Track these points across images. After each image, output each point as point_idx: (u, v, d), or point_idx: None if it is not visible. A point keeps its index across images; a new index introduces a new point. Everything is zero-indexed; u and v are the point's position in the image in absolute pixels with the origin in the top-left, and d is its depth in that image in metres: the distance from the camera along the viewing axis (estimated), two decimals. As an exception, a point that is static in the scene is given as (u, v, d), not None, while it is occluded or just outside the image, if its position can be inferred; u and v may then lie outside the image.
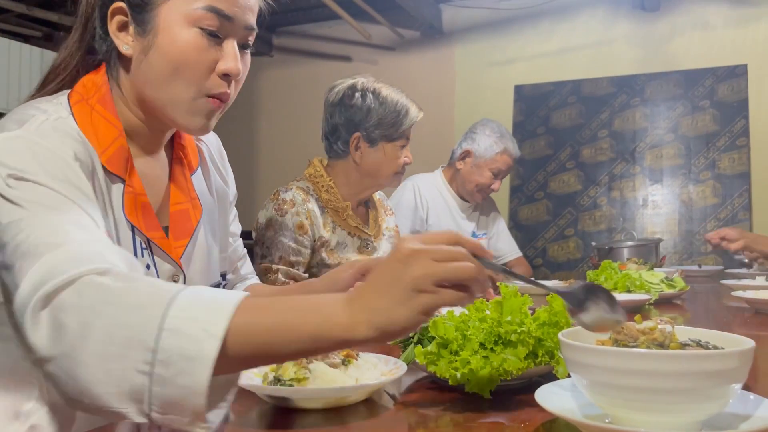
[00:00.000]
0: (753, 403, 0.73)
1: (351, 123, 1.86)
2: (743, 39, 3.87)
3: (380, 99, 1.85)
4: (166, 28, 0.94)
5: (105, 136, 0.94)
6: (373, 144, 1.86)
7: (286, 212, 1.74)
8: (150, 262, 0.98)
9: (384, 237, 1.98)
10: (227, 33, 0.97)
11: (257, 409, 0.88)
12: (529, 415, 0.81)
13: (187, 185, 1.08)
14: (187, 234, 1.04)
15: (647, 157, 3.98)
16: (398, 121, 1.85)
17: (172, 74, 0.94)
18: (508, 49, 4.35)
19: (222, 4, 0.95)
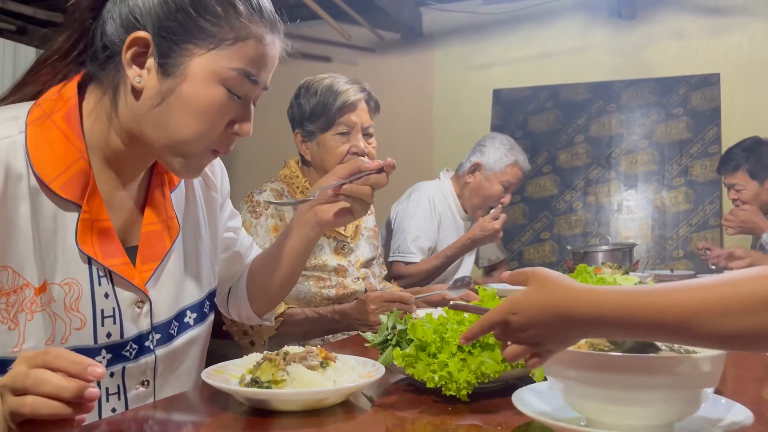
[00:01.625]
0: (724, 407, 0.74)
1: (293, 122, 1.84)
2: (717, 48, 3.94)
3: (311, 91, 1.78)
4: (195, 78, 0.90)
5: (63, 159, 0.89)
6: (311, 138, 1.79)
7: (260, 214, 1.72)
8: (108, 291, 0.93)
9: (362, 237, 1.96)
10: (249, 94, 0.95)
11: (234, 412, 0.87)
12: (505, 418, 0.82)
13: (165, 204, 1.04)
14: (157, 257, 1.00)
15: (622, 162, 4.04)
16: (327, 105, 1.74)
17: (187, 126, 0.91)
18: (488, 53, 4.38)
19: (255, 69, 0.93)
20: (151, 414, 0.90)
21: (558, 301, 0.66)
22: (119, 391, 0.96)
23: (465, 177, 2.71)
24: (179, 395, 1.01)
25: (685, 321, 0.60)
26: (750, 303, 0.59)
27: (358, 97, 1.75)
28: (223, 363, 0.97)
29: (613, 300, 0.64)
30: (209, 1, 0.90)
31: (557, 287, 0.67)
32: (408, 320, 1.01)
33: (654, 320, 0.62)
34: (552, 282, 0.68)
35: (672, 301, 0.61)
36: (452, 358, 0.88)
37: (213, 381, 0.89)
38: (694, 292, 0.61)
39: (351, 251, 1.88)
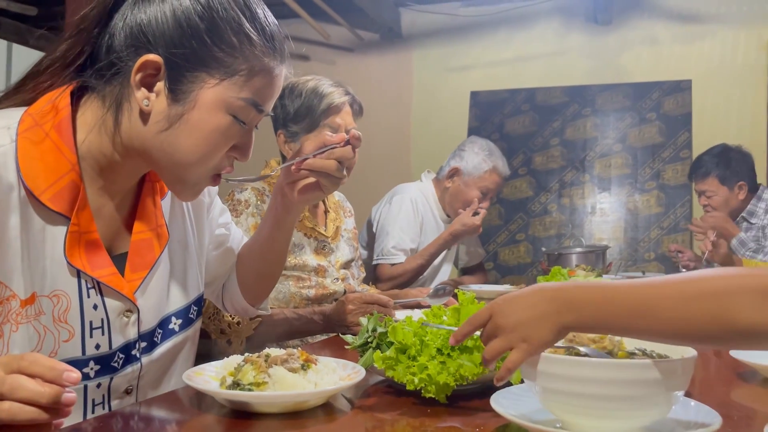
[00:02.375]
0: (694, 410, 0.77)
1: (275, 123, 1.84)
2: (689, 55, 4.03)
3: (296, 92, 1.78)
4: (205, 106, 0.89)
5: (53, 171, 0.88)
6: (295, 139, 1.79)
7: (241, 213, 1.72)
8: (97, 302, 0.93)
9: (342, 239, 1.96)
10: (253, 121, 0.96)
11: (215, 414, 0.87)
12: (483, 420, 0.84)
13: (156, 212, 1.03)
14: (146, 266, 0.99)
15: (596, 166, 4.11)
16: (312, 107, 1.75)
17: (192, 152, 0.91)
18: (466, 55, 4.41)
19: (262, 99, 0.94)
20: (132, 415, 0.90)
21: (542, 285, 0.74)
22: (104, 401, 0.96)
23: (444, 181, 2.73)
24: (160, 397, 1.01)
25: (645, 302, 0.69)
26: (704, 291, 0.68)
27: (342, 100, 1.76)
28: (203, 365, 0.98)
29: (590, 285, 0.73)
30: (225, 31, 0.89)
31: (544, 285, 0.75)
32: (388, 323, 1.02)
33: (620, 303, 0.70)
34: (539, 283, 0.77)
35: (638, 286, 0.71)
36: (432, 361, 0.89)
37: (194, 383, 0.89)
38: (657, 282, 0.71)
39: (331, 252, 1.88)
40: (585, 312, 0.71)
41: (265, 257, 1.25)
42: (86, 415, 0.94)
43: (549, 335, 0.72)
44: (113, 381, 0.96)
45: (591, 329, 0.73)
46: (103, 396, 0.96)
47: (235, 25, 0.90)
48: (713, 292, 0.67)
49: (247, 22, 0.91)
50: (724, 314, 0.66)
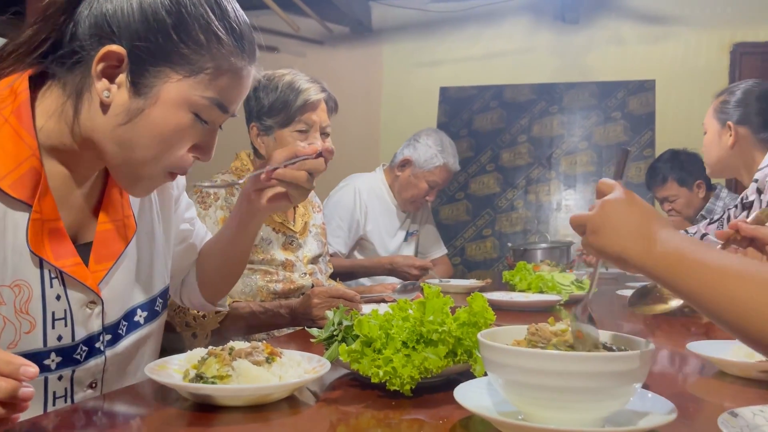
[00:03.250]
0: (651, 401, 0.79)
1: (249, 115, 1.82)
2: (653, 55, 4.11)
3: (271, 85, 1.76)
4: (166, 103, 0.88)
5: (13, 156, 0.85)
6: (268, 133, 1.78)
7: (209, 205, 1.71)
8: (60, 292, 0.91)
9: (310, 234, 1.96)
10: (216, 121, 0.94)
11: (178, 407, 0.86)
12: (447, 412, 0.85)
13: (122, 203, 1.02)
14: (111, 257, 0.98)
15: (562, 163, 4.17)
16: (288, 102, 1.74)
17: (149, 148, 0.89)
18: (435, 50, 4.43)
19: (227, 100, 0.92)
20: (94, 409, 0.89)
21: (644, 210, 0.79)
22: (66, 394, 0.94)
23: (395, 170, 2.76)
24: (122, 390, 0.99)
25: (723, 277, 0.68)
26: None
27: (319, 97, 1.76)
28: (166, 357, 0.96)
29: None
30: (193, 27, 0.87)
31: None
32: (354, 316, 1.02)
33: (700, 260, 0.70)
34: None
35: (718, 257, 0.71)
36: (397, 354, 0.90)
37: (156, 376, 0.88)
38: (738, 260, 0.70)
39: (299, 247, 1.87)
40: (671, 239, 0.73)
41: (227, 257, 1.24)
42: (47, 408, 0.92)
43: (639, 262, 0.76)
44: (75, 374, 0.94)
45: (661, 268, 0.74)
46: (66, 389, 0.94)
47: (204, 23, 0.88)
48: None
49: (216, 20, 0.89)
50: None
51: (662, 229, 0.75)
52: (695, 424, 0.81)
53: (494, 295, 1.93)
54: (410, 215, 2.91)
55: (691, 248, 0.72)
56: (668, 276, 0.72)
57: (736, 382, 1.04)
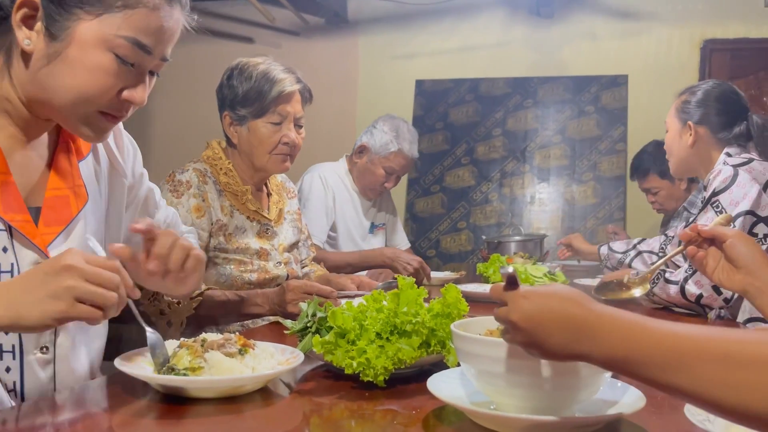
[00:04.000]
0: (620, 390, 0.80)
1: (222, 104, 1.79)
2: (626, 51, 4.16)
3: (245, 74, 1.73)
4: (81, 43, 0.89)
5: None
6: (242, 123, 1.75)
7: (182, 194, 1.68)
8: (7, 245, 0.91)
9: (285, 221, 1.93)
10: (142, 63, 0.94)
11: (150, 400, 0.86)
12: (420, 403, 0.85)
13: (72, 171, 1.02)
14: (62, 222, 0.98)
15: (536, 156, 4.20)
16: (262, 92, 1.71)
17: (70, 89, 0.90)
18: (411, 43, 4.42)
19: (146, 39, 0.91)
20: (64, 402, 0.87)
21: (573, 314, 0.65)
22: (14, 351, 0.93)
23: (353, 157, 2.76)
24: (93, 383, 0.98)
25: (677, 360, 0.59)
26: (753, 360, 0.56)
27: (294, 88, 1.74)
28: (138, 349, 0.95)
29: (612, 322, 0.63)
30: None
31: (577, 304, 0.66)
32: (328, 308, 1.02)
33: (646, 353, 0.60)
34: (575, 296, 0.67)
35: (669, 339, 0.60)
36: (370, 345, 0.90)
37: (127, 368, 0.87)
38: (693, 336, 0.60)
39: (274, 235, 1.85)
40: (603, 347, 0.63)
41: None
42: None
43: (561, 359, 0.68)
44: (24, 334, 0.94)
45: (613, 369, 0.65)
46: (13, 346, 0.93)
47: None
48: (765, 362, 0.55)
49: None
50: None
51: (589, 337, 0.64)
52: (663, 412, 0.82)
53: (468, 287, 1.94)
54: (375, 205, 2.91)
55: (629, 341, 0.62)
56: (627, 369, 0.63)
57: (702, 371, 1.06)
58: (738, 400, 0.56)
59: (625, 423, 0.78)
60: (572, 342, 0.65)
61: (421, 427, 0.77)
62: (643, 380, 0.62)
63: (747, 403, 0.56)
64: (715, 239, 1.09)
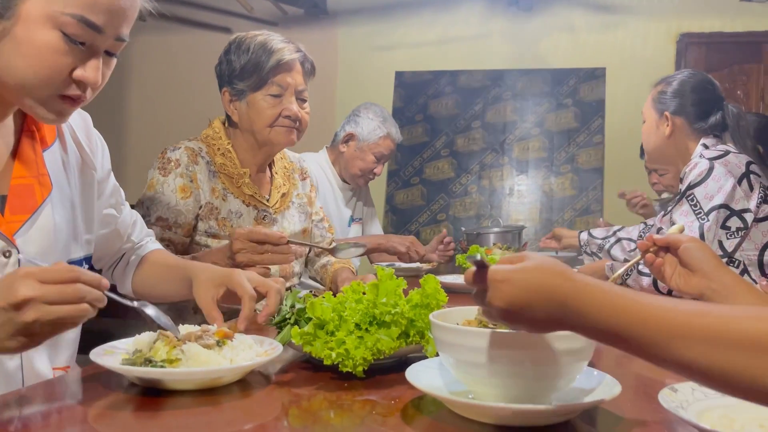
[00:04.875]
0: (596, 378, 0.81)
1: (220, 80, 1.72)
2: (603, 43, 4.19)
3: (243, 47, 1.64)
4: (27, 21, 0.86)
5: None
6: (241, 98, 1.66)
7: (169, 172, 1.60)
8: None
9: (292, 206, 1.81)
10: (94, 42, 0.91)
11: (127, 392, 0.85)
12: (399, 393, 0.85)
13: (36, 160, 1.01)
14: (28, 210, 0.97)
15: (515, 149, 4.23)
16: (260, 63, 1.62)
17: (22, 69, 0.88)
18: (391, 35, 4.41)
19: (95, 16, 0.88)
20: (40, 392, 0.86)
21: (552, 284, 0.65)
22: None
23: (339, 146, 2.76)
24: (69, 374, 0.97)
25: (666, 341, 0.59)
26: (739, 341, 0.56)
27: (293, 57, 1.64)
28: (114, 342, 0.94)
29: (600, 297, 0.63)
30: None
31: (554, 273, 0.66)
32: (307, 299, 1.02)
33: (632, 329, 0.61)
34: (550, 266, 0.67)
35: (656, 317, 0.60)
36: (349, 336, 0.90)
37: (103, 360, 0.86)
38: (681, 314, 0.60)
39: (273, 222, 1.74)
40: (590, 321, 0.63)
41: (171, 292, 1.28)
42: None
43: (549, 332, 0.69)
44: None
45: (601, 341, 0.66)
46: None
47: None
48: (751, 342, 0.56)
49: None
50: (763, 372, 0.55)
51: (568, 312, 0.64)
52: (638, 399, 0.84)
53: (447, 278, 1.95)
54: (355, 195, 2.91)
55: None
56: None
57: (677, 359, 1.08)
58: (724, 377, 0.57)
59: (601, 410, 0.79)
60: (559, 318, 0.65)
61: (399, 417, 0.77)
62: (632, 353, 0.63)
63: (733, 381, 0.57)
64: (670, 247, 1.11)
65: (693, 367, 0.59)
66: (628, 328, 0.61)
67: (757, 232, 1.72)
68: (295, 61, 1.66)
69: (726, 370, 0.57)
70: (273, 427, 0.76)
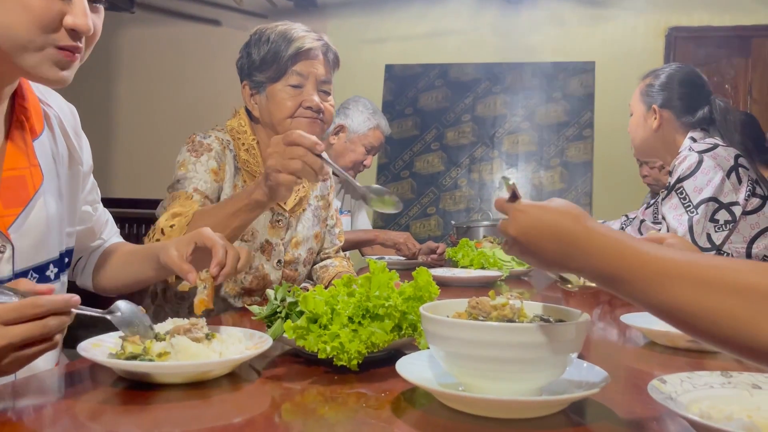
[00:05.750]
0: (586, 370, 0.81)
1: (241, 73, 1.64)
2: (593, 38, 4.20)
3: (263, 38, 1.57)
4: None
5: None
6: (260, 90, 1.59)
7: (202, 154, 1.52)
8: None
9: (309, 208, 1.74)
10: None
11: (114, 387, 0.84)
12: (390, 385, 0.85)
13: (28, 150, 1.00)
14: (21, 202, 0.96)
15: (505, 142, 4.23)
16: (279, 53, 1.54)
17: (14, 25, 0.87)
18: (380, 28, 4.40)
19: None
20: (24, 389, 0.85)
21: (565, 225, 0.70)
22: None
23: (329, 138, 2.76)
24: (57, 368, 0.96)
25: (662, 283, 0.62)
26: (731, 287, 0.59)
27: (314, 45, 1.57)
28: (101, 335, 0.93)
29: (603, 242, 0.67)
30: None
31: (570, 216, 0.70)
32: (297, 293, 1.01)
33: (631, 272, 0.64)
34: (568, 209, 0.72)
35: (656, 262, 0.63)
36: (343, 329, 0.90)
37: (90, 354, 0.85)
38: (679, 258, 0.63)
39: (287, 227, 1.67)
40: (593, 262, 0.67)
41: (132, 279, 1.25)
42: None
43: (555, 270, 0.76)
44: None
45: (601, 284, 0.69)
46: None
47: None
48: (742, 288, 0.58)
49: None
50: (748, 319, 0.56)
51: (580, 252, 0.69)
52: (627, 391, 0.84)
53: (438, 271, 1.96)
54: (344, 187, 2.91)
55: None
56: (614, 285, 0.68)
57: (665, 351, 1.09)
58: (710, 322, 0.59)
59: (591, 402, 0.80)
60: (565, 256, 0.69)
61: (390, 410, 0.77)
62: (629, 297, 0.66)
63: (718, 327, 0.59)
64: None
65: (684, 310, 0.61)
66: (628, 271, 0.65)
67: (745, 224, 1.73)
68: (316, 49, 1.58)
69: (714, 314, 0.59)
70: (263, 420, 0.76)
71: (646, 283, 0.63)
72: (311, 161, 1.22)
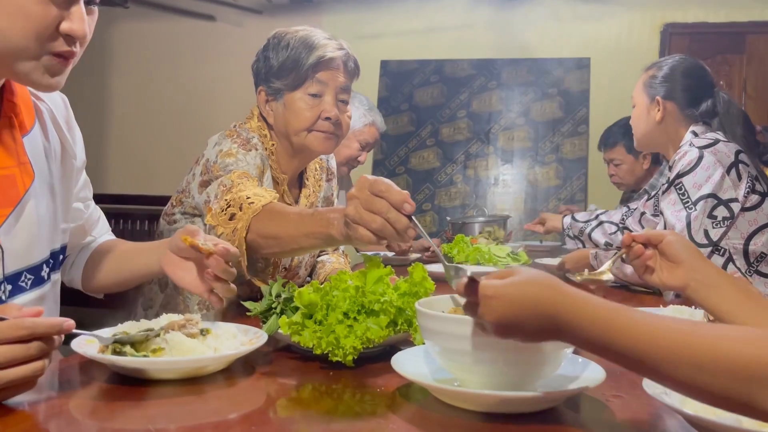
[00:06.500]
0: (581, 366, 0.82)
1: (257, 78, 1.59)
2: (588, 34, 4.20)
3: (282, 43, 1.52)
4: None
5: None
6: (278, 97, 1.54)
7: (250, 149, 1.47)
8: None
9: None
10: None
11: (108, 382, 0.84)
12: (386, 381, 0.85)
13: (17, 148, 0.98)
14: (10, 202, 0.94)
15: (500, 138, 4.23)
16: (299, 60, 1.49)
17: (10, 30, 0.85)
18: (376, 23, 4.39)
19: None
20: (15, 387, 0.85)
21: (542, 297, 0.66)
22: None
23: None
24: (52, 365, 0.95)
25: (655, 361, 0.61)
26: (725, 367, 0.58)
27: (335, 54, 1.51)
28: (95, 331, 0.93)
29: (593, 313, 0.65)
30: None
31: (544, 286, 0.67)
32: (292, 288, 1.01)
33: (625, 347, 0.63)
34: (540, 279, 0.68)
35: (648, 338, 0.62)
36: (339, 325, 0.89)
37: (84, 350, 0.85)
38: (670, 333, 0.62)
39: None
40: (583, 334, 0.65)
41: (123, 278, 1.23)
42: None
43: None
44: None
45: (592, 353, 0.67)
46: None
47: None
48: (737, 365, 0.57)
49: None
50: (746, 394, 0.56)
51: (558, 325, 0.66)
52: (622, 386, 0.84)
53: (434, 267, 1.95)
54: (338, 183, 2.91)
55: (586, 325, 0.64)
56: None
57: (660, 346, 1.09)
58: (713, 398, 0.60)
59: (586, 397, 0.80)
60: (551, 329, 0.66)
61: (385, 405, 0.77)
62: (623, 367, 0.65)
63: (721, 402, 0.59)
64: (650, 242, 1.11)
65: (681, 386, 0.61)
66: (620, 345, 0.63)
67: (743, 221, 1.73)
68: (338, 59, 1.53)
69: (713, 392, 0.59)
70: (258, 416, 0.76)
71: (638, 360, 0.62)
72: (394, 219, 1.00)
